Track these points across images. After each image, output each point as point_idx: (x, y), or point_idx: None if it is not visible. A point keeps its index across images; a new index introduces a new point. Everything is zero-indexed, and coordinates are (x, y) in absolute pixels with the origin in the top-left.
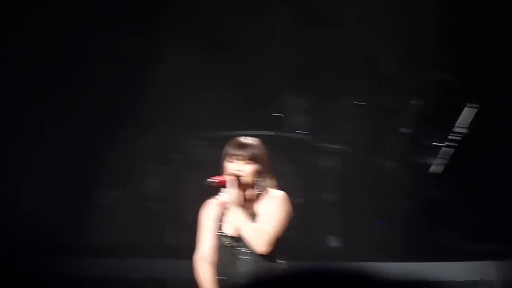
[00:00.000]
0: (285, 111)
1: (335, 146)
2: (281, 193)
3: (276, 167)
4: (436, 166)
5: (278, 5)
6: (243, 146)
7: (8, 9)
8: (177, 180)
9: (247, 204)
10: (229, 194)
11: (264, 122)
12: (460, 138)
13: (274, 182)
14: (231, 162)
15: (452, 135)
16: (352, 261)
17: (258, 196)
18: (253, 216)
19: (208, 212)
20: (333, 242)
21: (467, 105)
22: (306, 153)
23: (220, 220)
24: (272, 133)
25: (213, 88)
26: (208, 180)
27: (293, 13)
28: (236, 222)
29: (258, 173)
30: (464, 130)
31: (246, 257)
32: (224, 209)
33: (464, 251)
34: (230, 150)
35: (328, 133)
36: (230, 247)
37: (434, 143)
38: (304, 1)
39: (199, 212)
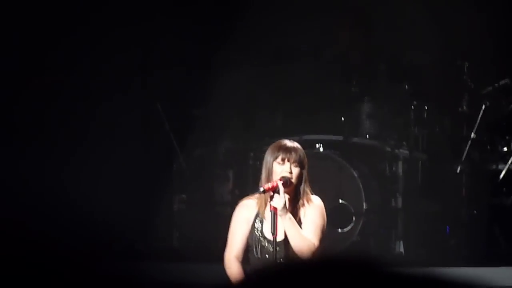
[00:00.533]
0: (355, 116)
1: (404, 152)
2: (320, 201)
3: (344, 171)
4: (506, 172)
5: (347, 10)
6: (292, 149)
7: (85, 10)
8: (249, 185)
9: (290, 208)
10: (280, 198)
11: (334, 127)
12: None
13: (310, 188)
14: (282, 164)
15: None
16: (418, 267)
17: (299, 200)
18: (296, 220)
19: (243, 213)
20: (400, 248)
21: None
22: (374, 159)
23: (261, 222)
24: (340, 137)
25: (284, 94)
26: (260, 188)
27: (361, 18)
28: (285, 227)
29: (303, 176)
30: None
31: (282, 261)
32: (274, 213)
33: None
34: (279, 153)
35: (397, 138)
36: (269, 250)
37: (504, 149)
38: (373, 6)
39: (234, 211)
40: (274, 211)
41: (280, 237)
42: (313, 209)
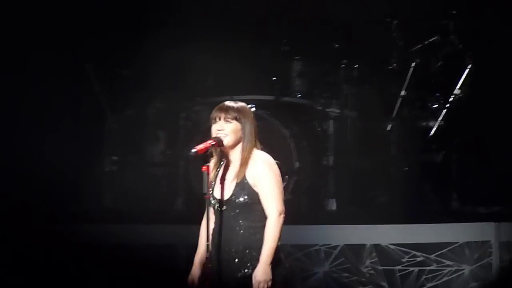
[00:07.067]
0: (285, 75)
1: (334, 110)
2: (267, 157)
3: (276, 131)
4: (436, 129)
5: None
6: (225, 108)
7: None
8: (180, 146)
9: (235, 166)
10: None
11: (265, 87)
12: (457, 99)
13: (259, 146)
14: (214, 123)
15: (450, 97)
16: (350, 224)
17: (244, 158)
18: (240, 179)
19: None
20: (332, 206)
21: (464, 66)
22: (305, 117)
23: (209, 184)
24: (272, 97)
25: (214, 54)
26: (192, 150)
27: None
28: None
29: (240, 133)
30: (460, 92)
31: (233, 221)
32: (207, 173)
33: (463, 212)
34: (213, 112)
35: (328, 97)
36: (219, 210)
37: (434, 106)
38: None
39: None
40: (206, 171)
41: (225, 196)
42: (261, 169)
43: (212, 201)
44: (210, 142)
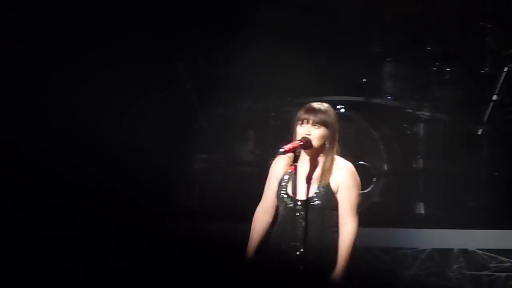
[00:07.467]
0: (376, 76)
1: (425, 113)
2: (349, 164)
3: (366, 133)
4: None
5: None
6: (313, 110)
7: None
8: (269, 145)
9: (317, 169)
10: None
11: (356, 88)
12: None
13: (339, 151)
14: (301, 125)
15: None
16: (439, 228)
17: (329, 164)
18: (324, 184)
19: (274, 168)
20: (421, 209)
21: None
22: (396, 120)
23: (287, 181)
24: (362, 99)
25: (305, 54)
26: (281, 150)
27: None
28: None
29: (327, 138)
30: None
31: (307, 223)
32: (294, 173)
33: None
34: (300, 114)
35: (419, 99)
36: (292, 208)
37: None
38: None
39: (271, 166)
40: (294, 170)
41: (300, 197)
42: (344, 178)
43: (287, 200)
44: (298, 142)
